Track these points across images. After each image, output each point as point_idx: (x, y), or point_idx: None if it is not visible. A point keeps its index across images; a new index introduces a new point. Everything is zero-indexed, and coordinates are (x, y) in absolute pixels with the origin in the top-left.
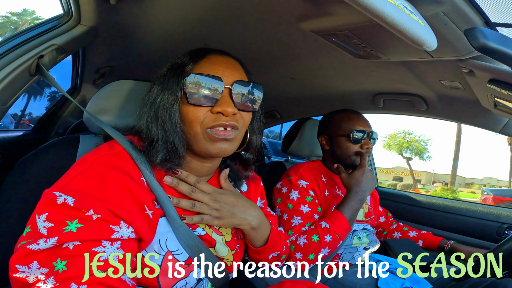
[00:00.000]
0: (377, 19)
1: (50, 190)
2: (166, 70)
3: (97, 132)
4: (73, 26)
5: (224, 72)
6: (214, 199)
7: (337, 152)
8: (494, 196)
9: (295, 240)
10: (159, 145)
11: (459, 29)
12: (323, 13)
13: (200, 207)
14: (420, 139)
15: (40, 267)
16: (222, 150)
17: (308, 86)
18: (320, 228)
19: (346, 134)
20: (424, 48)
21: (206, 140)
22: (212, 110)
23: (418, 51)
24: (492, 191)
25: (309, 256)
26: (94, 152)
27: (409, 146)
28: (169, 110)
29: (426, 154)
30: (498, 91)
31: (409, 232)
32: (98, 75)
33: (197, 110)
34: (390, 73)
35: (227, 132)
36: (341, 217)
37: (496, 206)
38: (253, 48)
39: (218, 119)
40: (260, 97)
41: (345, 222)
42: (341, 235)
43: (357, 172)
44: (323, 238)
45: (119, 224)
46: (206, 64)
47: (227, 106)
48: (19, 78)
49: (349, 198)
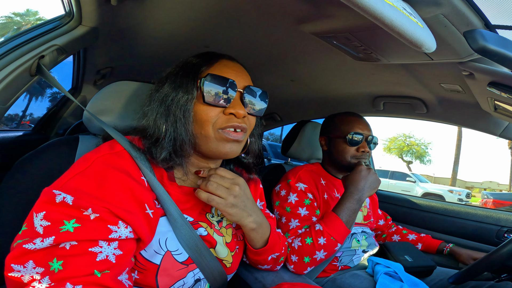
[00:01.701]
0: (376, 20)
1: (50, 188)
2: (177, 69)
3: (96, 133)
4: (74, 27)
5: (237, 76)
6: (234, 183)
7: (333, 154)
8: (494, 200)
9: (291, 242)
10: (165, 142)
11: (459, 31)
12: (323, 15)
13: (215, 189)
14: (421, 142)
15: (36, 267)
16: (232, 151)
17: (308, 89)
18: (314, 231)
19: (343, 136)
20: (423, 50)
21: (218, 141)
22: (225, 111)
23: (417, 54)
24: (492, 195)
25: (304, 259)
26: (95, 152)
27: (410, 150)
28: (183, 108)
29: (426, 158)
30: (498, 94)
31: (408, 235)
32: (99, 76)
33: (210, 110)
34: (390, 76)
35: (238, 134)
36: (336, 219)
37: (496, 209)
38: (253, 50)
39: (230, 121)
40: (266, 103)
41: (341, 224)
42: (338, 238)
43: (353, 171)
44: (316, 241)
45: (117, 224)
46: (220, 67)
47: (240, 108)
48: (20, 78)
49: (344, 198)
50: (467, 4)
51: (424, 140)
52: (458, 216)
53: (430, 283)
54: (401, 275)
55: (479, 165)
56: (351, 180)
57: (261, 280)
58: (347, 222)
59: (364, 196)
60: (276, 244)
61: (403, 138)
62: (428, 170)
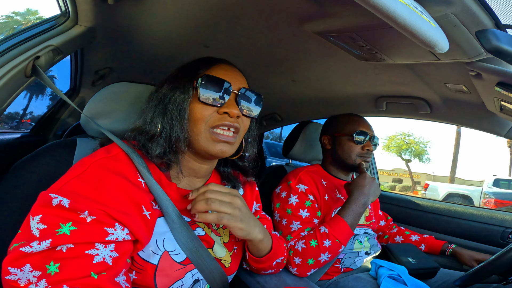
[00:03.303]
0: (388, 19)
1: (47, 192)
2: (177, 71)
3: (94, 135)
4: (70, 27)
5: (233, 78)
6: (233, 195)
7: (338, 152)
8: (496, 199)
9: (294, 245)
10: (161, 138)
11: (469, 31)
12: (327, 14)
13: (219, 206)
14: (420, 141)
15: (33, 270)
16: (222, 152)
17: (310, 89)
18: (319, 233)
19: (350, 134)
20: (436, 51)
21: (207, 140)
22: (219, 110)
23: (424, 54)
24: (494, 194)
25: (308, 261)
26: (91, 156)
27: (408, 148)
28: (179, 106)
29: (425, 156)
30: (505, 94)
31: (411, 236)
32: (97, 76)
33: (204, 109)
34: (394, 76)
35: (230, 136)
36: (341, 221)
37: (500, 210)
38: (254, 49)
39: (223, 119)
40: (260, 106)
41: (346, 227)
42: (342, 240)
43: (358, 177)
44: (321, 243)
45: (114, 226)
46: (217, 70)
47: (234, 108)
48: (15, 80)
49: (350, 202)
50: (478, 4)
51: (423, 138)
52: (462, 217)
53: (434, 285)
54: (405, 278)
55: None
56: (356, 185)
57: (263, 284)
58: (351, 224)
59: (369, 200)
60: (279, 248)
61: (402, 136)
62: (427, 168)
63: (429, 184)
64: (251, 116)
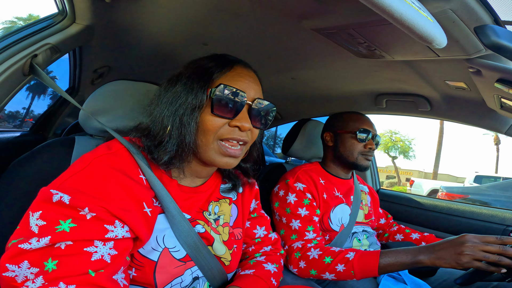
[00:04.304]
0: (384, 14)
1: (47, 188)
2: (190, 71)
3: (92, 134)
4: (68, 25)
5: (248, 86)
6: None
7: (340, 149)
8: (446, 193)
9: (303, 248)
10: (169, 145)
11: (468, 27)
12: (326, 10)
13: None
14: (405, 138)
15: (31, 267)
16: (227, 164)
17: (309, 87)
18: (341, 255)
19: (353, 131)
20: (433, 46)
21: (215, 152)
22: (230, 123)
23: (424, 50)
24: (445, 188)
25: (311, 271)
26: (92, 153)
27: (394, 145)
28: (191, 115)
29: (410, 153)
30: (505, 91)
31: (411, 234)
32: (96, 75)
33: (216, 121)
34: (394, 73)
35: (237, 150)
36: (373, 259)
37: (501, 208)
38: (253, 47)
39: (233, 133)
40: (272, 117)
41: (374, 267)
42: (357, 274)
43: (452, 237)
44: (335, 264)
45: (114, 223)
46: (233, 75)
47: (246, 121)
48: (12, 78)
49: (408, 249)
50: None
51: (408, 136)
52: (463, 216)
53: (434, 283)
54: (404, 277)
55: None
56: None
57: None
58: (382, 267)
59: (426, 261)
60: None
61: (389, 134)
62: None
63: (414, 181)
64: (261, 128)
